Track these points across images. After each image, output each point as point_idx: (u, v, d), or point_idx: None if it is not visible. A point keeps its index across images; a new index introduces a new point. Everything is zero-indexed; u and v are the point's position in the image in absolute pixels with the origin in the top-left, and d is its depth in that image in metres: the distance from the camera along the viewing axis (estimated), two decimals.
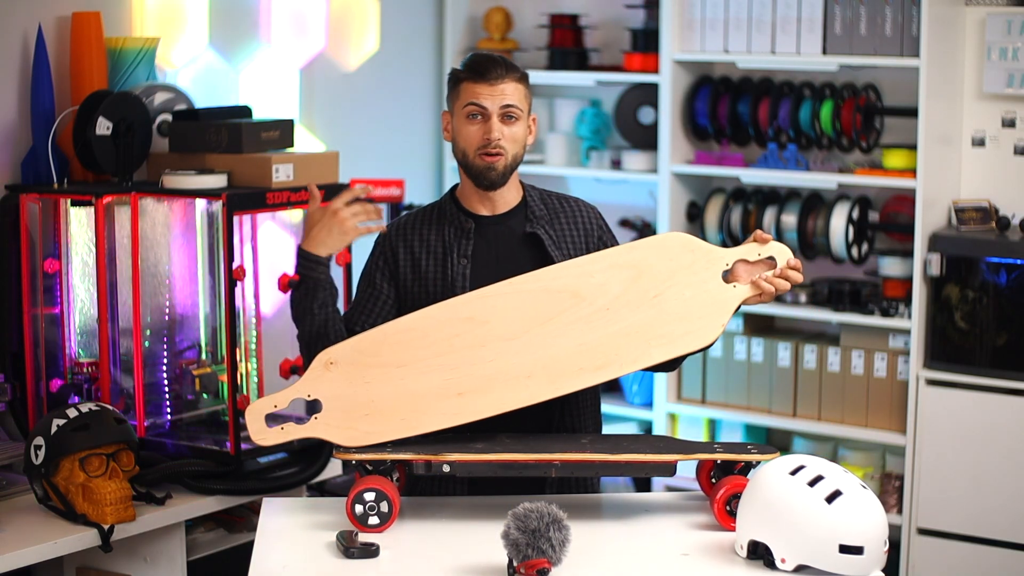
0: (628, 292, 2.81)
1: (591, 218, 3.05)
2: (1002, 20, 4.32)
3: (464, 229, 2.97)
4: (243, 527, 3.66)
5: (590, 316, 2.81)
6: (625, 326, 2.80)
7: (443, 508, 2.87)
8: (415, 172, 5.09)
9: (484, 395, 2.78)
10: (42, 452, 3.14)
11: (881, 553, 2.46)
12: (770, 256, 2.86)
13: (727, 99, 4.77)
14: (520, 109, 2.93)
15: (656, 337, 2.80)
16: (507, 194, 2.99)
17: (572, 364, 2.80)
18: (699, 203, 4.88)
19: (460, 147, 2.95)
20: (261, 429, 2.81)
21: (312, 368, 2.81)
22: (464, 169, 2.96)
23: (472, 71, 2.93)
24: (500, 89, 2.91)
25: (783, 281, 2.84)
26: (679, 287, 2.82)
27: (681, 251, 2.84)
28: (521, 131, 2.94)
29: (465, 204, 3.00)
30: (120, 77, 3.77)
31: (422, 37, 5.16)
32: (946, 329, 4.33)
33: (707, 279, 2.83)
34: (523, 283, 2.83)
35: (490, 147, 2.90)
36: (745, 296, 2.84)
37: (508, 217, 2.99)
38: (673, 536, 2.71)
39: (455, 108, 2.95)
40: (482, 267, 2.95)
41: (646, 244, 2.89)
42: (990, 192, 4.46)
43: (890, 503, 4.48)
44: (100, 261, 3.45)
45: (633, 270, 2.83)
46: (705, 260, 2.83)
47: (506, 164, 2.93)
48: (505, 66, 2.93)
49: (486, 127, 2.91)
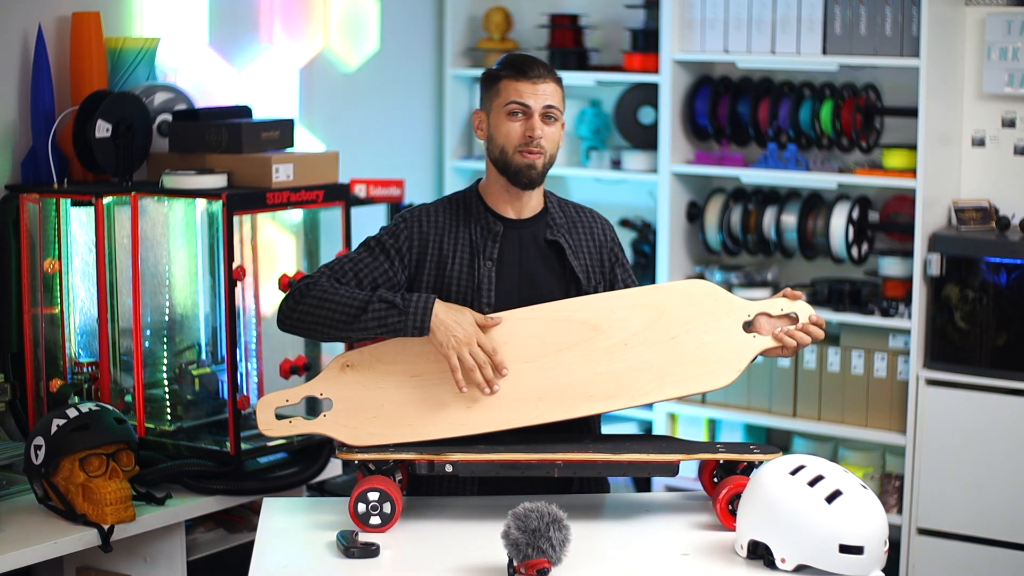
0: (647, 330, 2.83)
1: (605, 231, 3.06)
2: (1002, 20, 4.32)
3: (492, 231, 2.94)
4: (243, 527, 3.66)
5: (607, 349, 2.82)
6: (641, 362, 2.82)
7: (443, 508, 2.86)
8: (415, 172, 5.09)
9: (493, 411, 2.80)
10: (42, 452, 3.14)
11: (881, 553, 2.46)
12: (792, 312, 2.86)
13: (727, 99, 4.77)
14: (559, 110, 2.93)
15: (671, 375, 2.82)
16: (534, 199, 2.98)
17: (584, 391, 2.81)
18: (699, 203, 4.88)
19: (498, 144, 2.91)
20: (270, 421, 2.84)
21: (329, 368, 2.83)
22: (500, 167, 2.92)
23: (514, 68, 2.91)
24: (542, 88, 2.90)
25: (804, 335, 2.83)
26: (699, 332, 2.83)
27: (704, 298, 2.85)
28: (559, 133, 2.94)
29: (492, 205, 2.97)
30: (120, 77, 3.77)
31: (422, 37, 5.16)
32: (946, 329, 4.32)
33: (727, 327, 2.83)
34: (545, 311, 2.84)
35: (532, 145, 2.88)
36: (765, 347, 2.84)
37: (531, 223, 2.98)
38: (673, 536, 2.72)
39: (493, 106, 2.92)
40: (507, 271, 2.94)
41: (670, 288, 2.90)
42: (990, 192, 4.46)
43: (890, 503, 4.48)
44: (100, 261, 3.45)
45: (655, 311, 2.84)
46: (727, 309, 2.84)
47: (545, 163, 2.91)
48: (545, 67, 2.93)
49: (528, 125, 2.89)
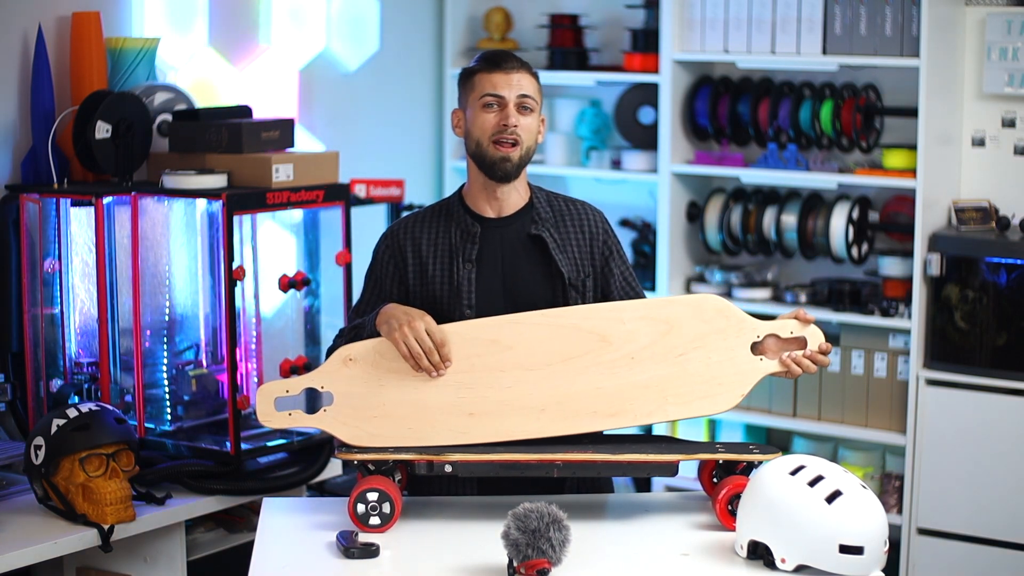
0: (655, 345, 2.82)
1: (597, 223, 3.03)
2: (1002, 20, 4.32)
3: (470, 233, 2.94)
4: (243, 527, 3.66)
5: (613, 361, 2.81)
6: (645, 378, 2.81)
7: (443, 508, 2.86)
8: (415, 172, 5.09)
9: (494, 419, 2.79)
10: (42, 452, 3.14)
11: (881, 553, 2.46)
12: (802, 336, 2.86)
13: (727, 99, 4.77)
14: (535, 101, 2.93)
15: (674, 395, 2.81)
16: (514, 195, 2.97)
17: (586, 406, 2.81)
18: (699, 203, 4.88)
19: (474, 137, 2.92)
20: (269, 411, 2.82)
21: (330, 361, 2.81)
22: (477, 161, 2.93)
23: (487, 62, 2.92)
24: (515, 79, 2.90)
25: (811, 364, 2.84)
26: (706, 350, 2.82)
27: (715, 315, 2.84)
28: (535, 124, 2.93)
29: (471, 205, 2.98)
30: (120, 77, 3.77)
31: (422, 37, 5.15)
32: (946, 329, 4.32)
33: (735, 347, 2.83)
34: (555, 316, 2.84)
35: (507, 133, 2.88)
36: (770, 371, 2.85)
37: (514, 220, 2.97)
38: (673, 536, 2.72)
39: (469, 100, 2.93)
40: (487, 271, 2.94)
41: (682, 302, 2.89)
42: (990, 192, 4.46)
43: (890, 503, 4.48)
44: (100, 261, 3.45)
45: (665, 325, 2.83)
46: (737, 328, 2.84)
47: (521, 155, 2.91)
48: (519, 59, 2.94)
49: (503, 114, 2.89)
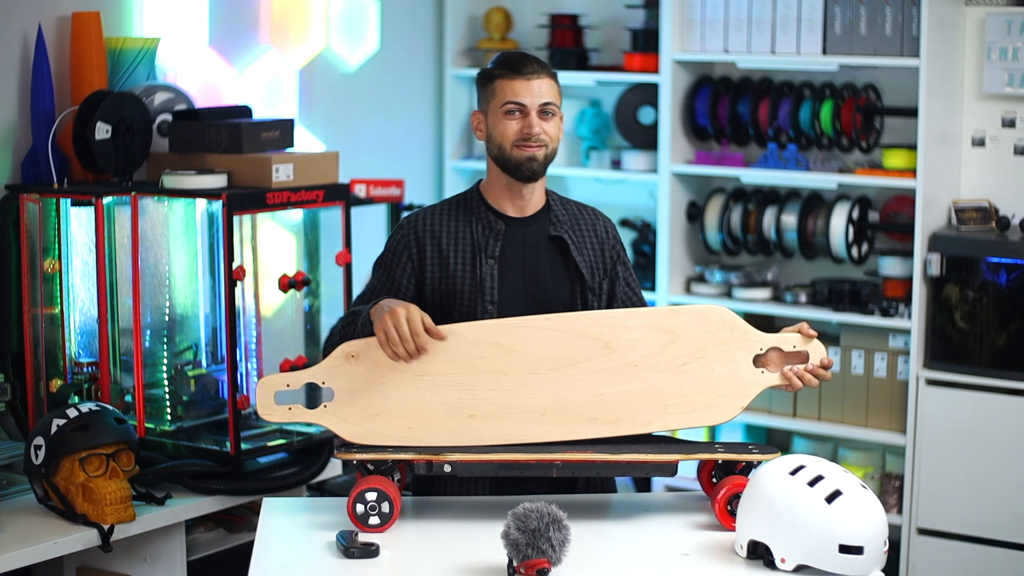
0: (658, 354, 2.82)
1: (607, 228, 3.06)
2: (1002, 20, 4.32)
3: (494, 230, 2.94)
4: (243, 527, 3.66)
5: (616, 369, 2.81)
6: (647, 386, 2.81)
7: (443, 508, 2.86)
8: (415, 172, 5.09)
9: (495, 423, 2.78)
10: (42, 452, 3.14)
11: (881, 553, 2.46)
12: (804, 350, 2.86)
13: (727, 99, 4.77)
14: (556, 105, 2.93)
15: (674, 404, 2.81)
16: (536, 196, 2.98)
17: (587, 413, 2.80)
18: (699, 203, 4.88)
19: (496, 142, 2.92)
20: (269, 404, 2.81)
21: (332, 356, 2.80)
22: (501, 164, 2.93)
23: (508, 67, 2.91)
24: (536, 85, 2.90)
25: (812, 379, 2.85)
26: (709, 361, 2.82)
27: (720, 326, 2.84)
28: (557, 128, 2.94)
29: (493, 203, 2.98)
30: (120, 77, 3.77)
31: (422, 37, 5.16)
32: (946, 329, 4.32)
33: (738, 358, 2.83)
34: (559, 322, 2.83)
35: (531, 140, 2.89)
36: (772, 384, 2.85)
37: (534, 220, 2.98)
38: (673, 536, 2.72)
39: (490, 106, 2.93)
40: (509, 269, 2.94)
41: (688, 311, 2.88)
42: (990, 192, 4.46)
43: (890, 503, 4.48)
44: (100, 261, 3.45)
45: (669, 334, 2.83)
46: (741, 340, 2.84)
47: (546, 155, 2.92)
48: (539, 62, 2.93)
49: (525, 122, 2.89)
